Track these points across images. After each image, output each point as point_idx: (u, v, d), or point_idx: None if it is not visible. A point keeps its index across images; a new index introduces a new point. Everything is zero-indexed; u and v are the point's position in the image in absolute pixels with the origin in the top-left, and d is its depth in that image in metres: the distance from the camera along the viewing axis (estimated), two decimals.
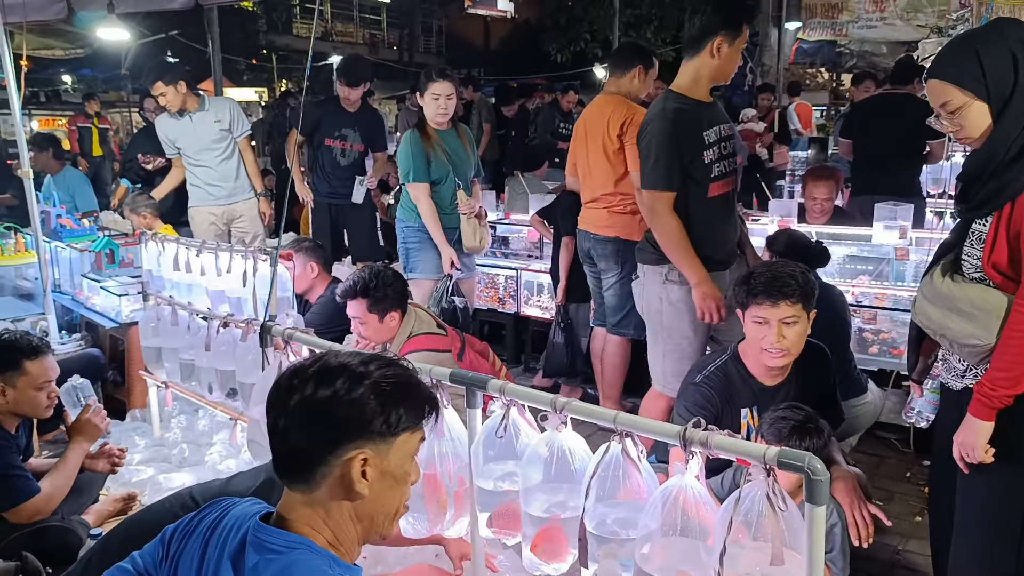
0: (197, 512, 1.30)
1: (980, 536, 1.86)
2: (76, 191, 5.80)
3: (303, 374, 1.22)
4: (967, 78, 1.73)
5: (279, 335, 2.37)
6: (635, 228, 3.48)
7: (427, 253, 3.87)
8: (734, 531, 1.46)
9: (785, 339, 2.23)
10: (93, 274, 4.15)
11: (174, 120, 4.68)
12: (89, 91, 13.03)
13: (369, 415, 1.20)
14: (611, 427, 1.64)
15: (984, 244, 1.75)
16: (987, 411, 1.75)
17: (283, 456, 1.23)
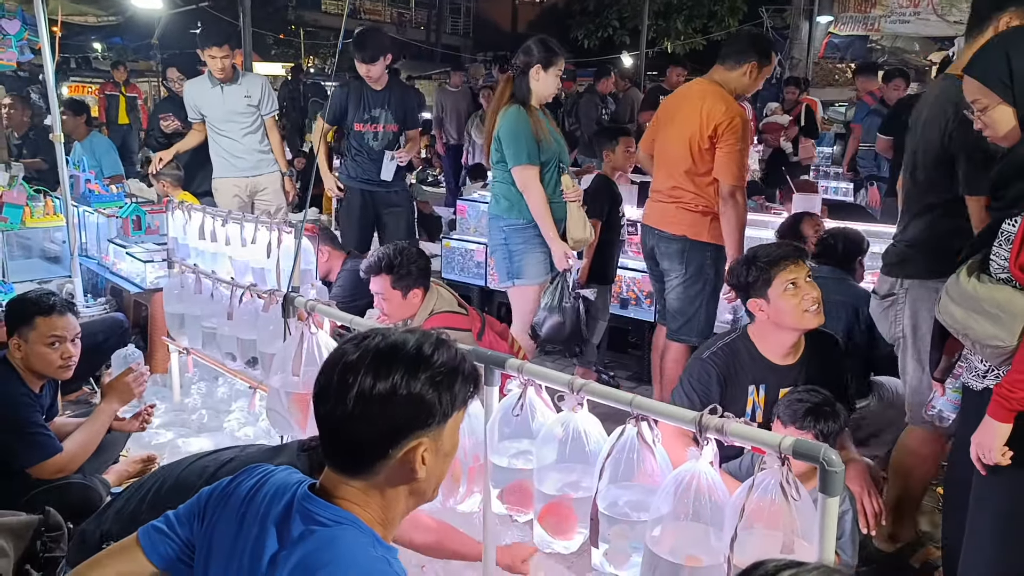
0: (234, 477, 1.31)
1: (993, 537, 1.86)
2: (103, 156, 5.87)
3: (356, 365, 1.18)
4: (994, 80, 1.75)
5: (301, 306, 2.41)
6: (704, 228, 3.31)
7: (536, 254, 3.43)
8: (746, 518, 1.48)
9: (815, 291, 2.31)
10: (120, 240, 4.22)
11: (205, 87, 4.70)
12: (118, 59, 13.11)
13: (428, 407, 1.19)
14: (628, 410, 1.66)
15: (1012, 245, 1.74)
16: (1005, 413, 1.74)
17: (339, 449, 1.22)
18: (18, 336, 2.58)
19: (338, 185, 4.59)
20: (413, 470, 1.20)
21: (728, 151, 3.16)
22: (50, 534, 2.11)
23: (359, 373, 1.17)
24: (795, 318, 2.30)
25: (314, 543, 1.16)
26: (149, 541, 1.29)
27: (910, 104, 5.26)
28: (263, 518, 1.22)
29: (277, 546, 1.18)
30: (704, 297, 3.37)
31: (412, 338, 1.23)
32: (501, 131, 3.38)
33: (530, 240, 3.39)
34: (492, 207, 3.51)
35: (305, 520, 1.19)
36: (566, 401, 1.77)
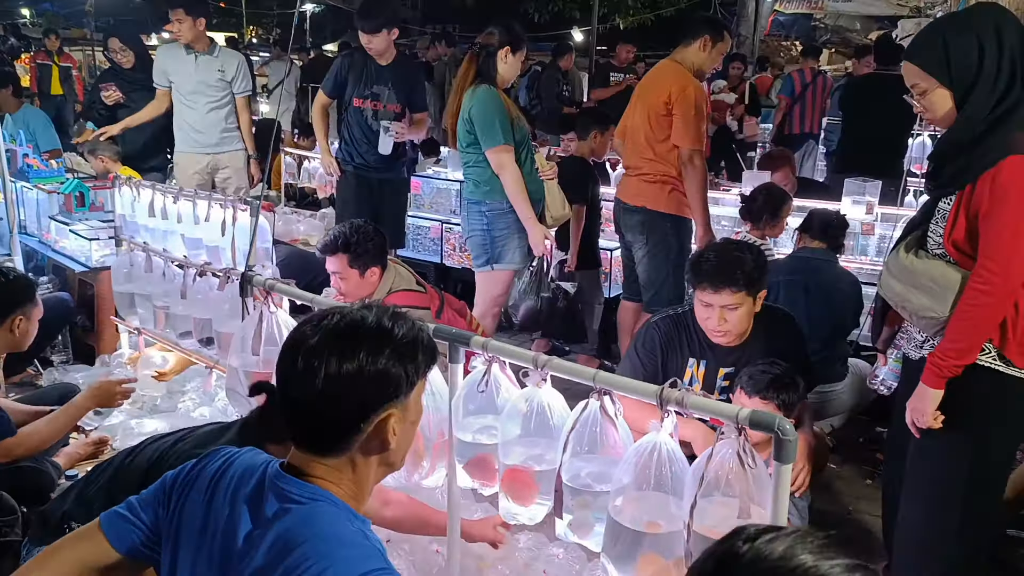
0: (198, 460, 1.31)
1: (927, 497, 1.97)
2: (37, 130, 5.62)
3: (318, 348, 1.19)
4: (932, 64, 1.81)
5: (260, 285, 2.38)
6: (663, 199, 3.44)
7: (517, 239, 3.36)
8: (705, 486, 1.54)
9: (726, 322, 2.32)
10: (62, 217, 4.08)
11: (179, 54, 4.53)
12: (49, 27, 12.55)
13: (395, 379, 1.21)
14: (591, 385, 1.71)
15: (946, 222, 1.84)
16: (937, 380, 1.85)
17: (310, 431, 1.23)
18: (22, 314, 2.64)
19: (334, 167, 4.25)
20: (385, 440, 1.23)
21: (683, 116, 3.33)
22: (3, 518, 2.08)
23: (323, 355, 1.18)
24: (705, 328, 2.39)
25: (290, 520, 1.17)
26: (112, 527, 1.28)
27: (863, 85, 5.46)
28: (233, 499, 1.22)
29: (251, 525, 1.19)
30: (669, 266, 3.49)
31: (370, 314, 1.25)
32: (473, 112, 3.26)
33: (512, 224, 3.33)
34: (469, 192, 3.42)
35: (279, 499, 1.20)
36: (530, 377, 1.81)
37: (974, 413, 1.87)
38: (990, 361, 1.84)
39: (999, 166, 1.72)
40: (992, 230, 1.74)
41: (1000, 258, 1.74)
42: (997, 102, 1.76)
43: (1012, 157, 1.71)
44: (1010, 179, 1.71)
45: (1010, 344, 1.81)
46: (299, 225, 6.44)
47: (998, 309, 1.78)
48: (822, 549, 0.74)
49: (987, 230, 1.75)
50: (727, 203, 4.46)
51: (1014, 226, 1.72)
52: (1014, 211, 1.71)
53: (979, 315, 1.78)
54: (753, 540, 0.75)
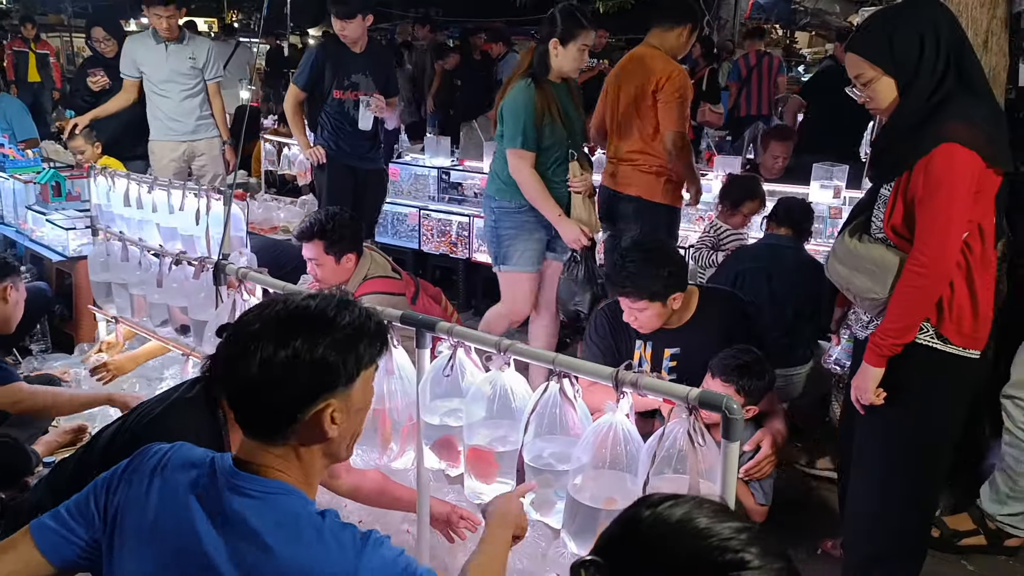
0: (129, 461, 1.29)
1: (872, 469, 2.06)
2: (14, 118, 5.63)
3: (258, 333, 1.20)
4: (876, 54, 1.87)
5: (232, 274, 2.42)
6: (659, 189, 3.43)
7: (525, 241, 3.22)
8: (657, 464, 1.61)
9: (637, 320, 2.46)
10: (39, 206, 4.09)
11: (148, 44, 4.52)
12: (26, 13, 12.38)
13: (333, 369, 1.21)
14: (551, 368, 1.77)
15: (886, 207, 1.92)
16: (878, 358, 1.93)
17: (249, 416, 1.24)
18: (11, 284, 2.81)
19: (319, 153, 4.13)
20: (324, 431, 1.23)
21: (667, 101, 3.32)
22: None
23: (260, 341, 1.18)
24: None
25: (257, 518, 1.18)
26: (45, 539, 1.24)
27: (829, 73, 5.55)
28: (183, 500, 1.21)
29: (211, 527, 1.19)
30: None
31: (314, 303, 1.25)
32: (504, 106, 3.16)
33: (522, 226, 3.18)
34: (488, 185, 3.33)
35: (238, 494, 1.20)
36: (494, 361, 1.87)
37: (914, 389, 1.96)
38: (928, 339, 1.93)
39: (932, 154, 1.79)
40: (926, 216, 1.82)
41: (933, 242, 1.81)
42: (933, 91, 1.83)
43: (944, 145, 1.78)
44: (942, 167, 1.78)
45: (946, 323, 1.90)
46: (279, 212, 6.44)
47: (933, 291, 1.85)
48: (716, 513, 0.80)
49: (922, 216, 1.83)
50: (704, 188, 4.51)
51: (946, 212, 1.80)
52: (946, 198, 1.79)
53: (915, 297, 1.86)
54: (655, 506, 0.82)
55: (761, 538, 0.79)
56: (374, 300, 2.90)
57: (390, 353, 2.03)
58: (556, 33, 3.07)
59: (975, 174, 1.79)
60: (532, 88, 3.07)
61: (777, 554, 0.79)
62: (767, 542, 0.79)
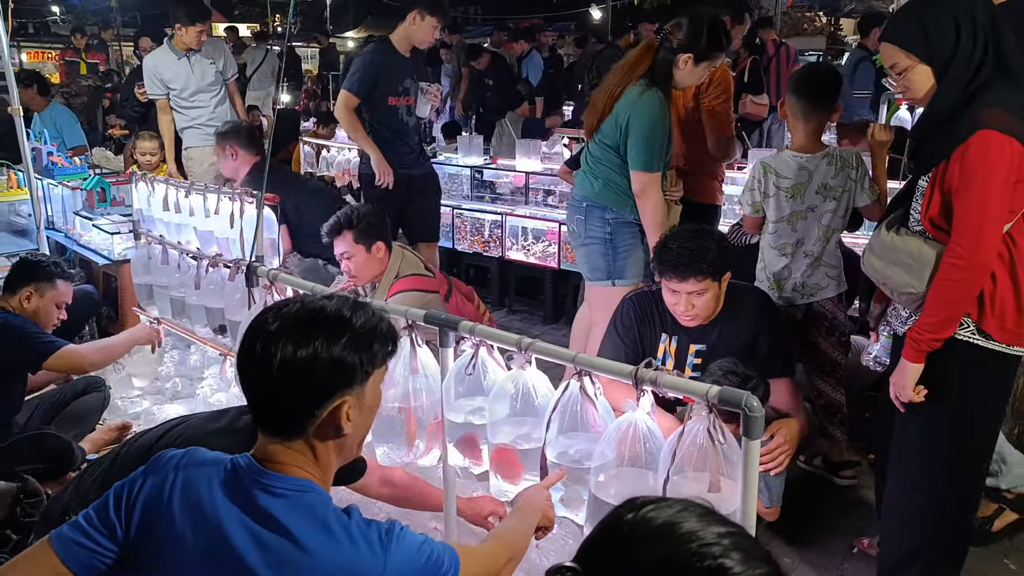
0: (144, 468, 1.30)
1: (911, 467, 2.01)
2: (64, 127, 5.81)
3: (276, 334, 1.22)
4: (911, 42, 1.82)
5: (264, 275, 2.48)
6: (698, 190, 3.33)
7: (639, 252, 2.98)
8: (677, 462, 1.60)
9: (694, 307, 2.35)
10: (85, 212, 4.23)
11: (170, 58, 4.56)
12: (77, 24, 12.80)
13: (350, 367, 1.25)
14: (571, 366, 1.77)
15: (923, 199, 1.86)
16: (916, 354, 1.87)
17: (268, 414, 1.26)
18: (33, 289, 2.90)
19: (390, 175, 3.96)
20: (339, 427, 1.27)
21: (713, 103, 3.22)
22: (28, 500, 2.21)
23: (280, 342, 1.22)
24: (674, 313, 2.42)
25: (284, 513, 1.20)
26: (67, 551, 1.24)
27: None
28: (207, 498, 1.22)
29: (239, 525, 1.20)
30: None
31: (331, 304, 1.29)
32: (632, 118, 2.80)
33: (637, 236, 2.96)
34: (595, 192, 2.96)
35: (265, 491, 1.22)
36: (515, 359, 1.88)
37: (954, 386, 1.89)
38: (968, 335, 1.86)
39: (968, 142, 1.73)
40: (963, 206, 1.76)
41: (970, 233, 1.75)
42: (971, 79, 1.77)
43: (980, 132, 1.72)
44: (978, 155, 1.72)
45: (988, 318, 1.83)
46: None
47: (972, 284, 1.79)
48: (702, 517, 0.79)
49: (959, 206, 1.77)
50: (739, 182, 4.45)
51: (983, 201, 1.73)
52: (982, 186, 1.73)
53: (954, 290, 1.80)
54: (639, 509, 0.81)
55: (744, 543, 0.78)
56: (408, 298, 2.95)
57: (415, 352, 2.06)
58: (694, 48, 2.77)
59: (1014, 162, 1.72)
60: (663, 102, 2.81)
61: (760, 559, 0.77)
62: (751, 547, 0.78)
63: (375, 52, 3.97)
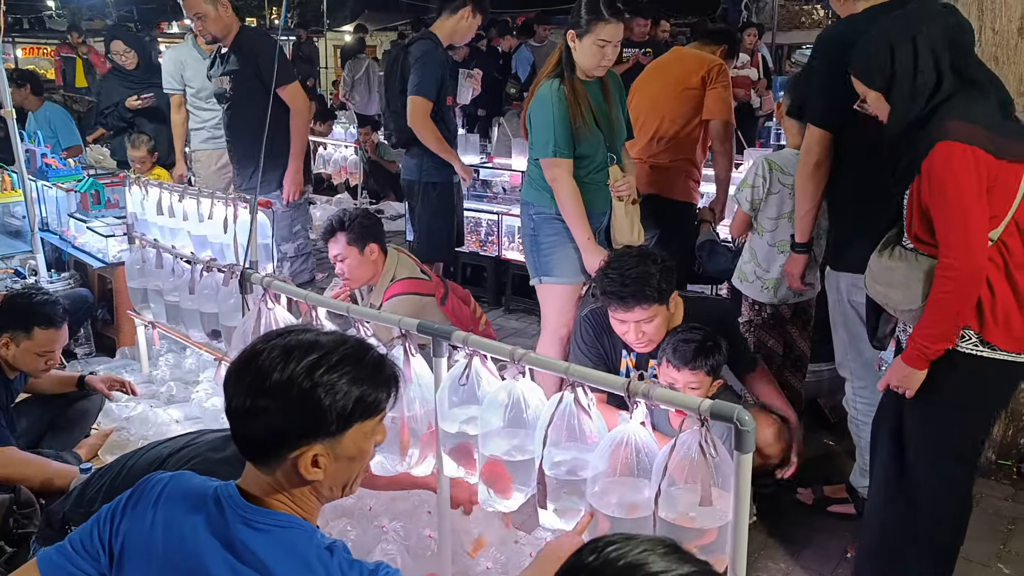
0: (130, 493, 1.29)
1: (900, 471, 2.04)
2: (58, 127, 5.76)
3: (251, 367, 1.19)
4: (860, 72, 1.94)
5: (258, 282, 2.47)
6: (677, 187, 3.39)
7: (568, 249, 2.83)
8: (669, 475, 1.60)
9: (645, 335, 2.28)
10: (80, 214, 4.21)
11: (191, 54, 4.28)
12: (73, 21, 12.73)
13: (316, 417, 1.17)
14: (564, 377, 1.77)
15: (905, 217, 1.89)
16: (919, 361, 1.89)
17: (237, 438, 1.23)
18: (9, 337, 2.60)
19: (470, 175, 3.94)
20: (303, 475, 1.19)
21: (717, 89, 3.34)
22: (22, 511, 2.20)
23: (252, 377, 1.18)
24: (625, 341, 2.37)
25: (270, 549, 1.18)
26: (53, 574, 1.25)
27: None
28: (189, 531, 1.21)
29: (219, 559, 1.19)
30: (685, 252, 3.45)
31: (325, 344, 1.21)
32: (532, 110, 2.80)
33: (563, 232, 2.81)
34: (524, 189, 2.99)
35: (247, 526, 1.20)
36: (508, 370, 1.87)
37: (955, 395, 1.92)
38: (971, 347, 1.87)
39: (930, 156, 1.78)
40: (944, 218, 1.79)
41: (958, 243, 1.77)
42: (930, 95, 1.83)
43: (939, 145, 1.77)
44: (942, 167, 1.77)
45: (990, 327, 1.84)
46: (315, 211, 6.56)
47: (968, 293, 1.80)
48: (666, 555, 0.78)
49: (939, 220, 1.80)
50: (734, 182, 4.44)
51: (959, 210, 1.77)
52: (954, 196, 1.76)
53: (951, 301, 1.81)
54: (601, 550, 0.80)
55: None
56: (404, 302, 2.94)
57: (408, 361, 2.05)
58: (572, 24, 2.71)
59: (979, 168, 1.75)
60: (560, 88, 2.72)
61: None
62: None
63: (438, 51, 3.67)
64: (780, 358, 2.95)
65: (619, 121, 2.90)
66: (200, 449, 1.96)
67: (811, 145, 2.34)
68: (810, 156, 2.36)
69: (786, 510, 2.71)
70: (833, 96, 2.25)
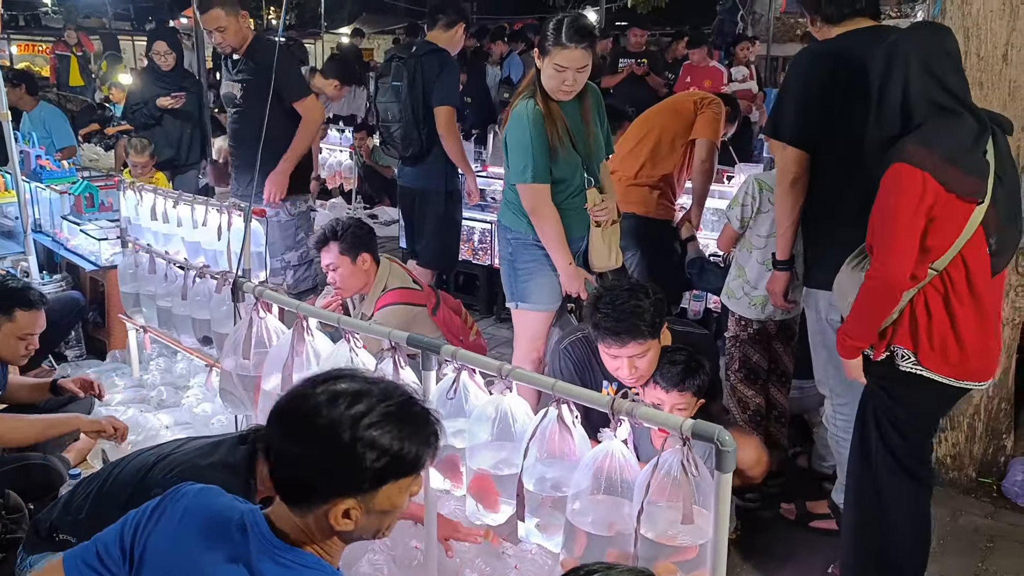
0: (158, 502, 1.31)
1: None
2: (53, 127, 5.78)
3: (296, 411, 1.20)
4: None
5: (250, 291, 2.48)
6: (653, 205, 3.45)
7: (545, 276, 2.79)
8: (651, 494, 1.63)
9: (637, 369, 2.28)
10: (73, 216, 4.22)
11: None
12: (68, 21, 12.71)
13: (353, 475, 1.17)
14: (550, 393, 1.80)
15: None
16: (847, 352, 2.05)
17: (274, 475, 1.24)
18: None
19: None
20: (333, 526, 1.21)
21: (708, 113, 3.44)
22: (10, 516, 2.21)
23: (301, 417, 1.19)
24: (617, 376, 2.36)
25: None
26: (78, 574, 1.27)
27: None
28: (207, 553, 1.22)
29: None
30: (670, 268, 3.50)
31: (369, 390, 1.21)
32: (508, 133, 2.72)
33: (541, 259, 2.77)
34: (501, 212, 2.93)
35: (271, 559, 1.22)
36: (496, 385, 1.90)
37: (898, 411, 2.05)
38: (911, 367, 1.98)
39: (885, 173, 1.87)
40: (877, 228, 1.89)
41: (881, 251, 1.89)
42: (906, 120, 1.89)
43: (892, 165, 1.85)
44: (887, 183, 1.86)
45: (925, 351, 1.94)
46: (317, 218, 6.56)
47: (884, 299, 1.91)
48: None
49: (874, 228, 1.90)
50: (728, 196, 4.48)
51: (892, 223, 1.86)
52: (893, 211, 1.86)
53: (869, 301, 1.94)
54: None
55: None
56: (395, 312, 2.97)
57: (397, 373, 2.08)
58: (540, 44, 2.63)
59: (918, 191, 1.82)
60: (535, 108, 2.63)
61: None
62: None
63: (456, 63, 3.84)
64: (766, 373, 2.99)
65: (597, 140, 2.82)
66: (187, 455, 1.98)
67: (787, 163, 2.39)
68: (786, 174, 2.40)
69: (769, 525, 2.74)
70: (807, 115, 2.32)
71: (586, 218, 2.78)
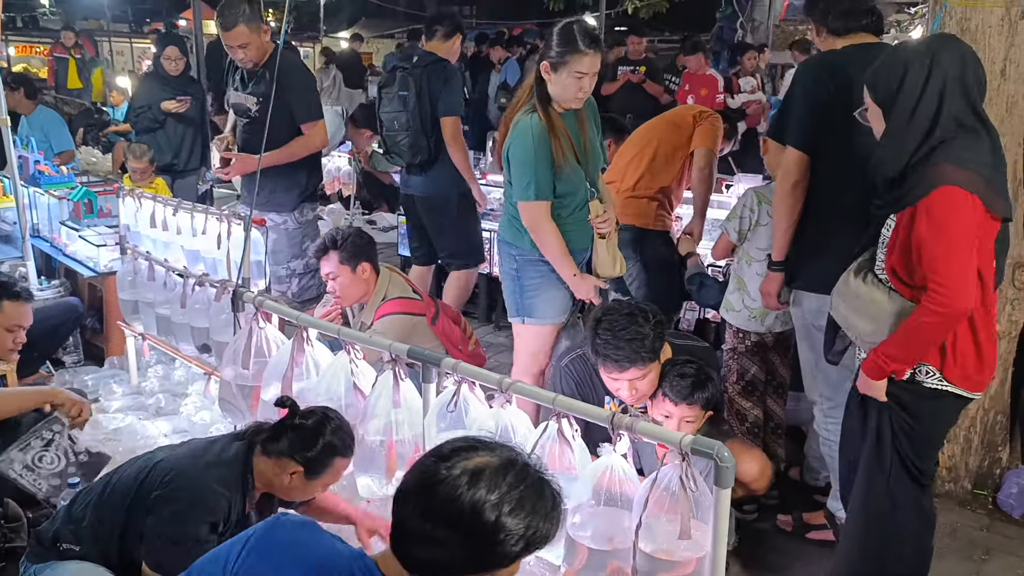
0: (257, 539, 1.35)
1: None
2: (51, 131, 5.76)
3: (432, 493, 1.21)
4: (868, 82, 1.96)
5: (250, 301, 2.49)
6: (652, 216, 3.46)
7: (552, 292, 2.78)
8: (650, 508, 1.64)
9: (638, 391, 2.31)
10: (72, 222, 4.22)
11: None
12: (66, 23, 12.70)
13: (493, 558, 1.21)
14: (550, 407, 1.81)
15: (886, 248, 1.93)
16: (876, 371, 1.97)
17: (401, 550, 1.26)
18: None
19: None
20: None
21: (706, 125, 3.47)
22: (9, 525, 2.21)
23: (439, 499, 1.20)
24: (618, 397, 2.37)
25: None
26: None
27: None
28: None
29: None
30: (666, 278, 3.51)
31: (506, 472, 1.23)
32: (511, 148, 2.67)
33: (547, 275, 2.75)
34: (503, 227, 2.87)
35: None
36: (495, 399, 1.91)
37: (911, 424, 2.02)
38: (935, 383, 1.95)
39: (931, 197, 1.80)
40: (940, 257, 1.80)
41: (952, 282, 1.79)
42: (927, 131, 1.84)
43: (943, 188, 1.79)
44: (944, 209, 1.79)
45: (950, 367, 1.91)
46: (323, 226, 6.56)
47: (946, 329, 1.86)
48: None
49: (933, 257, 1.81)
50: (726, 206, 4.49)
51: (961, 252, 1.80)
52: (957, 237, 1.79)
53: (928, 333, 1.86)
54: None
55: None
56: (395, 321, 2.97)
57: (397, 385, 2.09)
58: (545, 55, 2.60)
59: (975, 220, 1.79)
60: (540, 123, 2.60)
61: None
62: None
63: (459, 73, 3.95)
64: (763, 384, 3.00)
65: (594, 149, 2.81)
66: (183, 458, 2.00)
67: (789, 166, 2.41)
68: (788, 177, 2.41)
69: (767, 536, 2.75)
70: (812, 121, 2.36)
71: (589, 230, 2.78)
